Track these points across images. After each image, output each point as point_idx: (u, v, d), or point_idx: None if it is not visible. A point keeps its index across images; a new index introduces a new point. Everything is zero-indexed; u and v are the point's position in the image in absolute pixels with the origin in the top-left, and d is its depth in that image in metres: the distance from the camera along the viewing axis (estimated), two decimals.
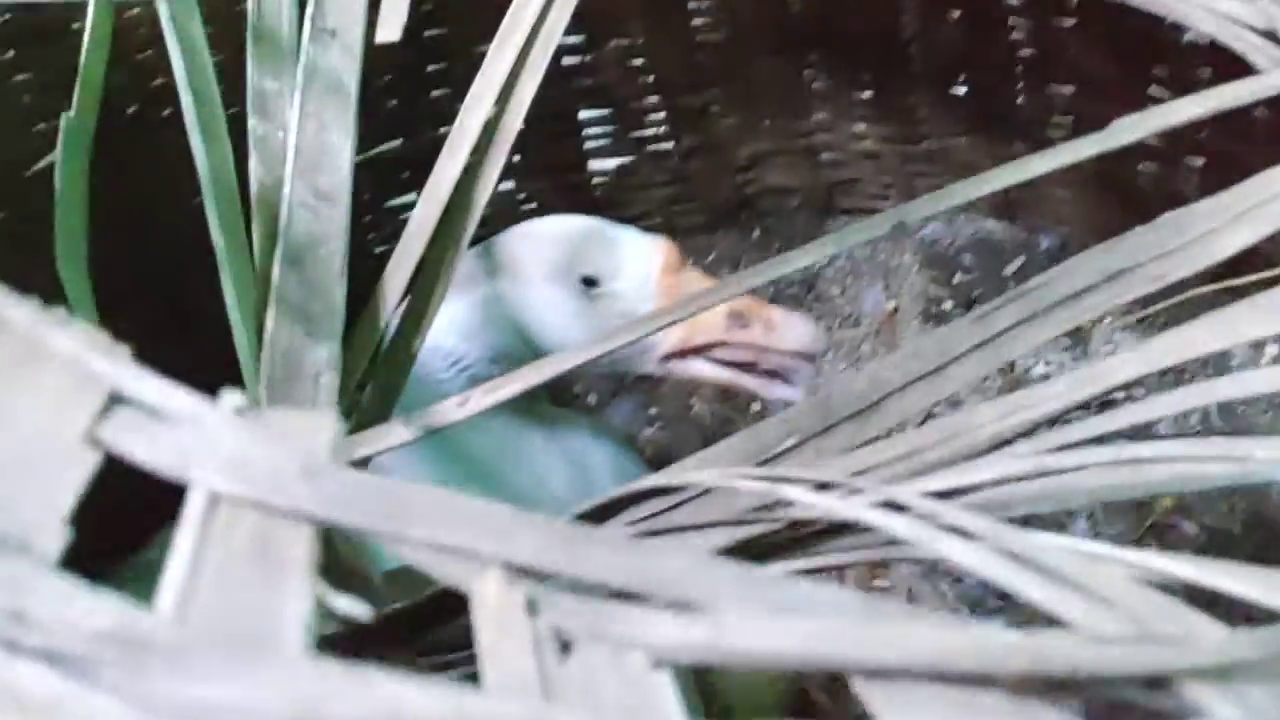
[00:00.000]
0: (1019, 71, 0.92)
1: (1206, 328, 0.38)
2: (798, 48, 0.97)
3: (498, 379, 0.49)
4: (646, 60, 0.98)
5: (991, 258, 1.04)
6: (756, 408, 0.96)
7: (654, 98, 1.01)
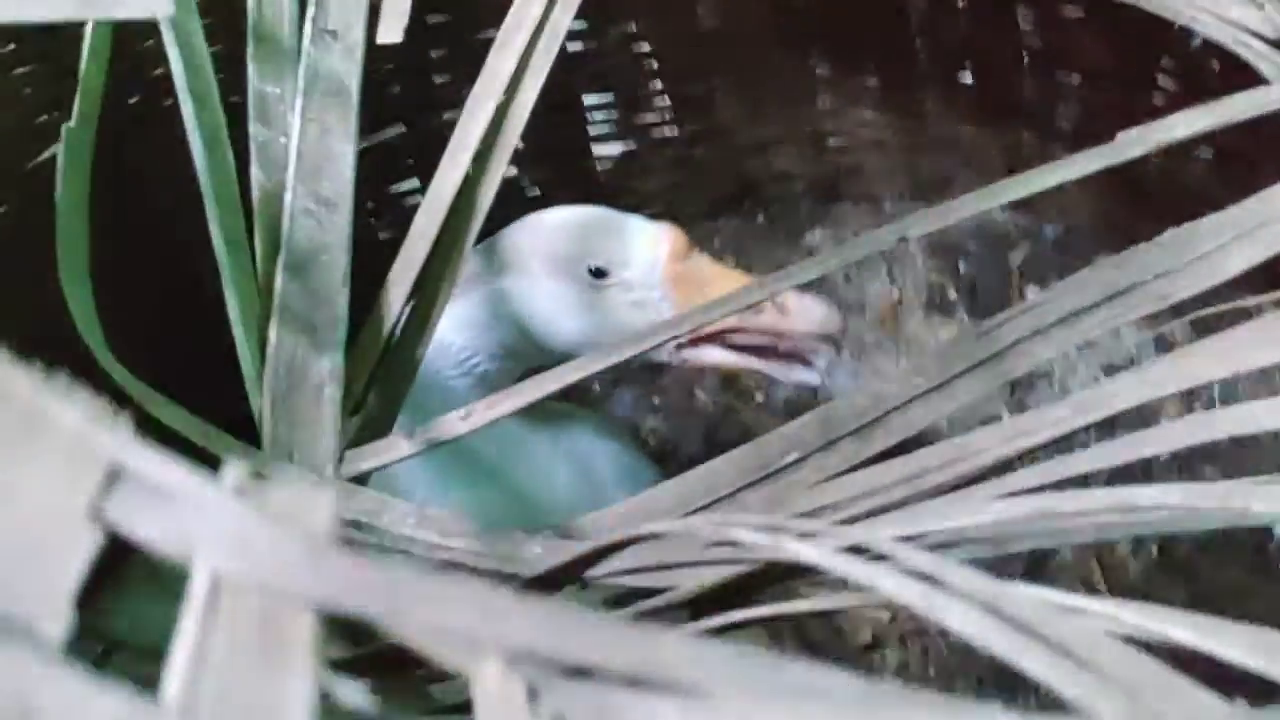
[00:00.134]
0: (1026, 60, 0.91)
1: (1211, 354, 0.38)
2: (803, 35, 0.96)
3: (508, 389, 0.49)
4: (650, 46, 0.97)
5: (996, 246, 1.03)
6: (760, 398, 0.96)
7: (658, 84, 1.00)
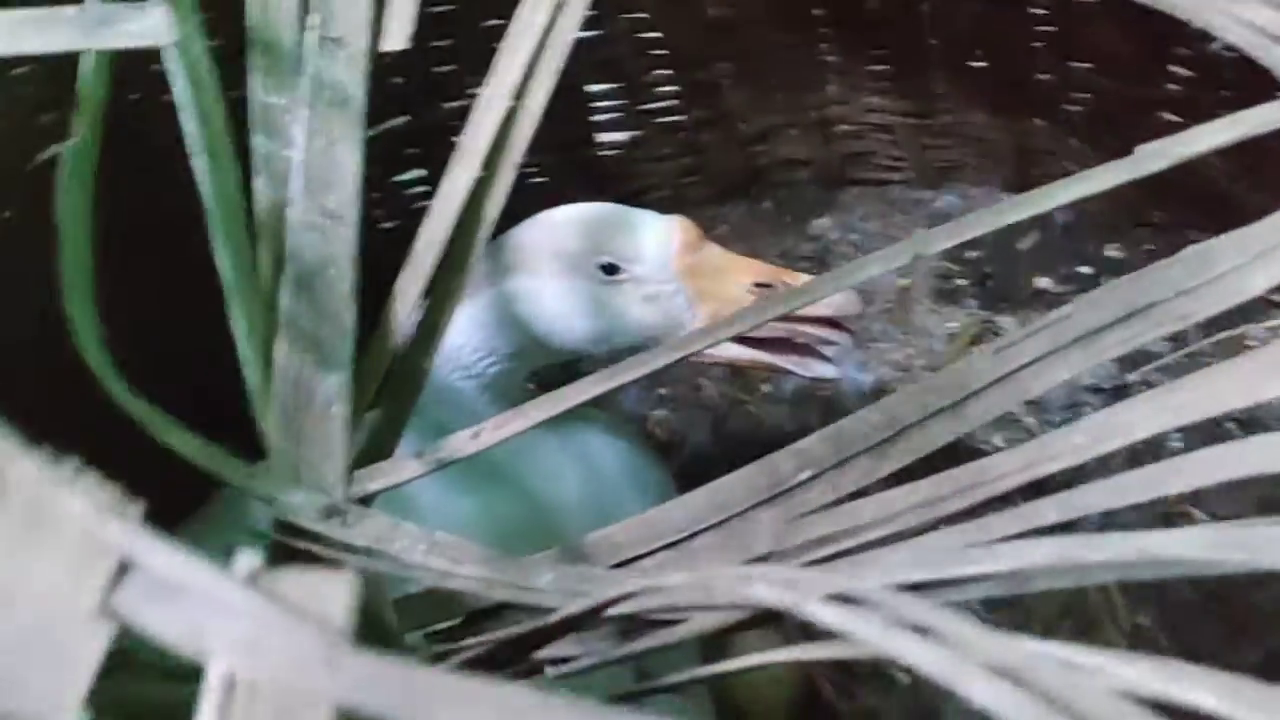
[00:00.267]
0: (1038, 47, 0.90)
1: (1234, 380, 0.37)
2: (811, 20, 0.95)
3: (519, 407, 0.48)
4: (657, 34, 0.96)
5: (1005, 234, 1.02)
6: (767, 389, 0.95)
7: (665, 71, 0.99)
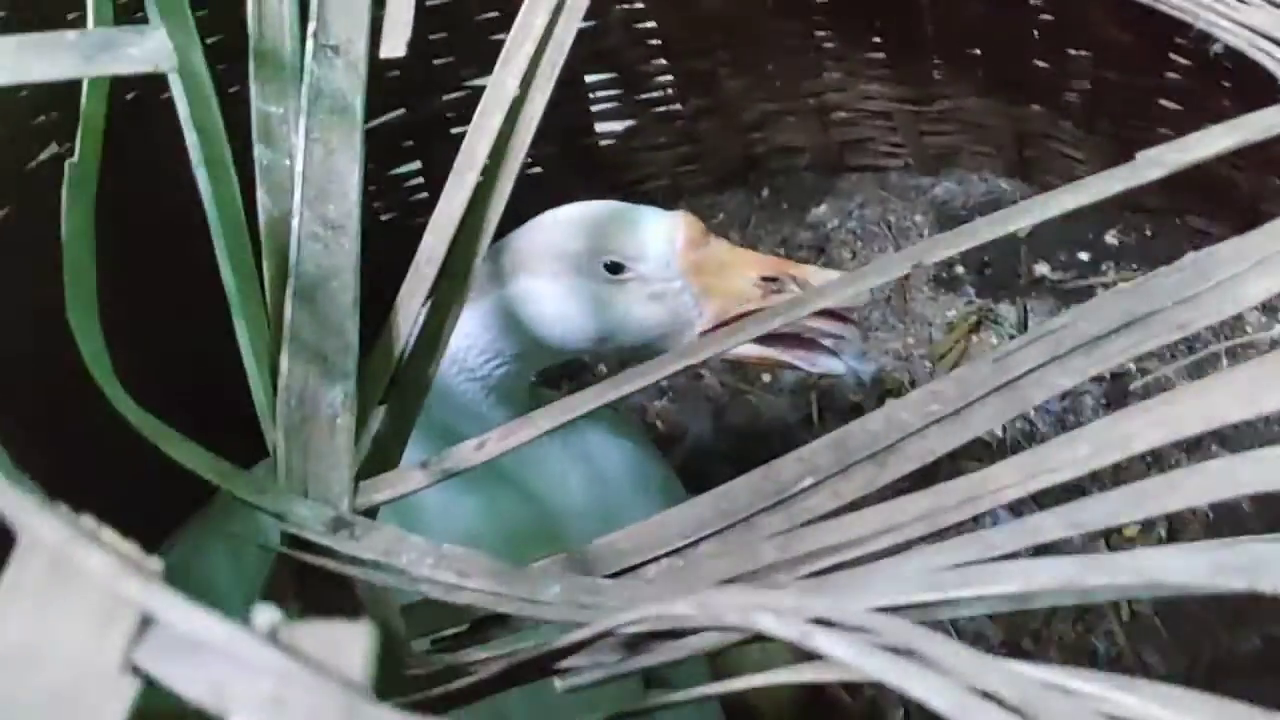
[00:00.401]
0: (1036, 35, 0.90)
1: (1234, 390, 0.38)
2: (809, 9, 0.95)
3: (526, 416, 0.48)
4: (653, 24, 0.95)
5: None
6: (767, 378, 0.96)
7: (661, 60, 0.98)
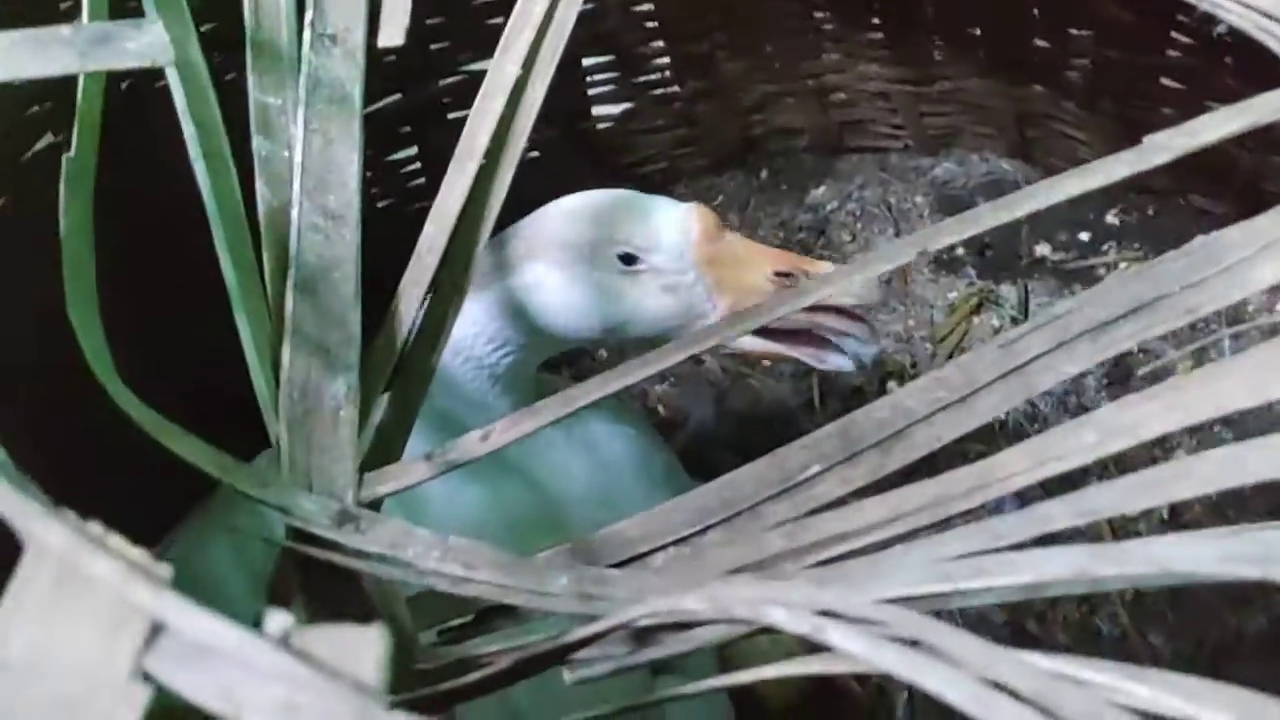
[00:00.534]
0: (1037, 14, 0.89)
1: (1242, 379, 0.38)
2: None
3: (531, 407, 0.48)
4: (650, 6, 0.95)
5: None
6: (767, 362, 0.95)
7: (659, 43, 0.98)
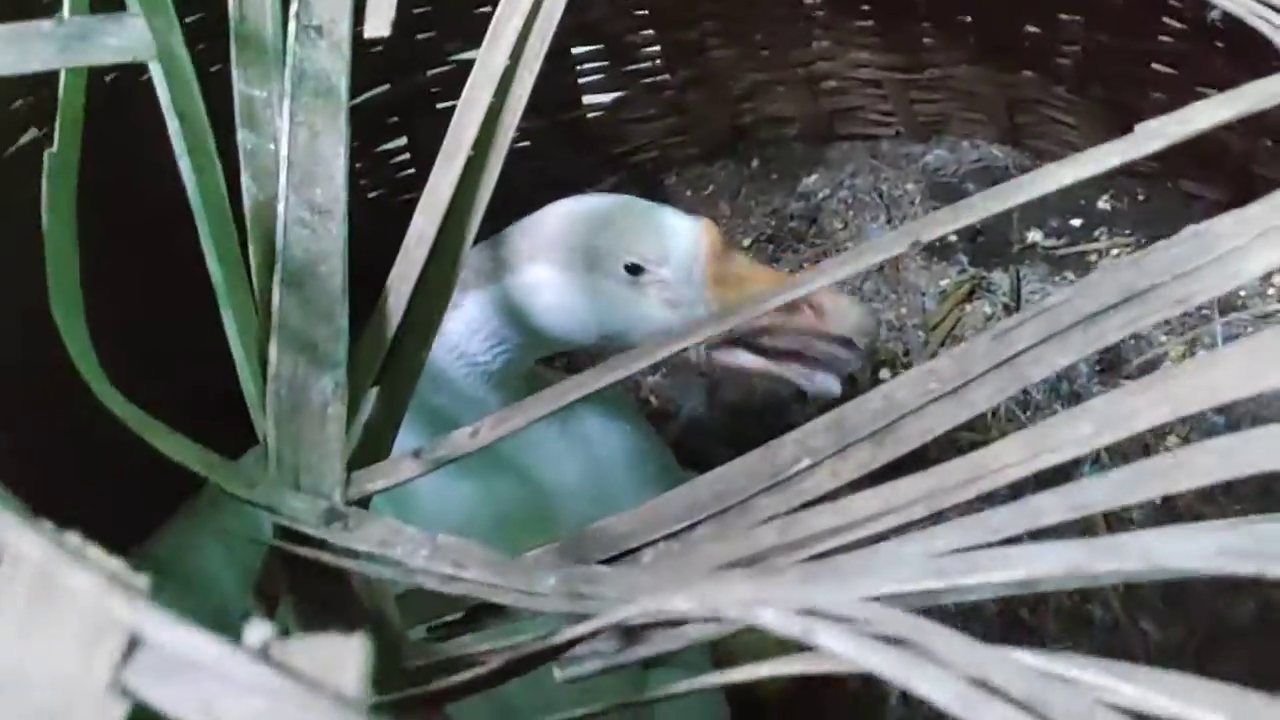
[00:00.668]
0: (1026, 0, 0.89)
1: (1236, 370, 0.37)
2: None
3: (518, 404, 0.48)
4: None
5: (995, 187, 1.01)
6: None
7: (649, 31, 0.97)
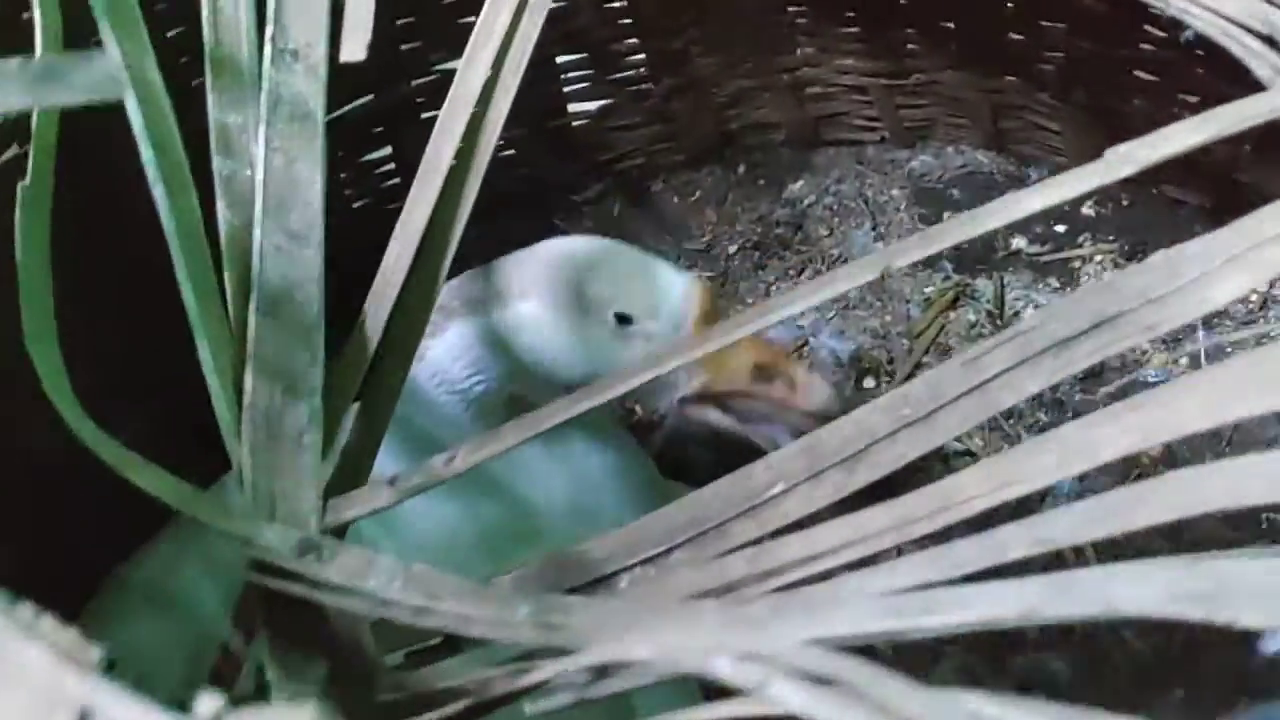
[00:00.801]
0: (1010, 6, 0.89)
1: (1200, 401, 0.38)
2: None
3: (491, 432, 0.48)
4: (623, 3, 0.94)
5: (981, 192, 1.01)
6: None
7: (633, 40, 0.97)
